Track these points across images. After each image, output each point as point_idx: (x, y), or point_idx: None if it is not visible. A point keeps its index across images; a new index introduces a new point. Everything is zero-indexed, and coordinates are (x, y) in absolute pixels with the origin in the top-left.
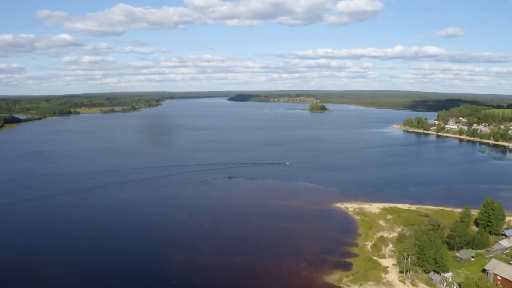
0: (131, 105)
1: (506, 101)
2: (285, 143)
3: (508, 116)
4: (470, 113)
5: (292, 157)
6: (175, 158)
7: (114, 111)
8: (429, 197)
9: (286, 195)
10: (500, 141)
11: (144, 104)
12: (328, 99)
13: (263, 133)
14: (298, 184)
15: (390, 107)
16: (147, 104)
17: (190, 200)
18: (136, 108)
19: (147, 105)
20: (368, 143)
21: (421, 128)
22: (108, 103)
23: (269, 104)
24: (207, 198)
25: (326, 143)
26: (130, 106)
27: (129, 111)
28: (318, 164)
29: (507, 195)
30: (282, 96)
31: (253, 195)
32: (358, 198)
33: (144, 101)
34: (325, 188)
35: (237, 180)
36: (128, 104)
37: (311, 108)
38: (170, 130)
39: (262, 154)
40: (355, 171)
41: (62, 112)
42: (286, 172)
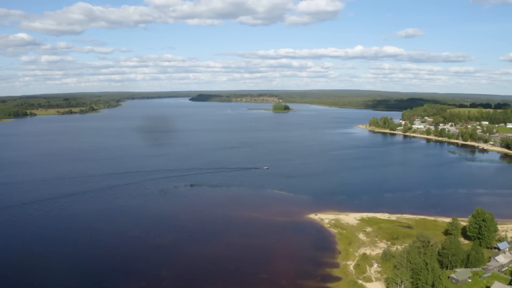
0: (90, 106)
1: (468, 100)
2: (250, 146)
3: (474, 115)
4: (436, 112)
5: (258, 161)
6: (132, 164)
7: (72, 112)
8: (407, 204)
9: (254, 206)
10: (469, 141)
11: (104, 104)
12: (290, 99)
13: (226, 135)
14: (266, 192)
15: (352, 106)
16: (107, 105)
17: (148, 214)
18: (95, 109)
19: (106, 105)
20: (335, 145)
21: (387, 128)
22: (66, 104)
23: (232, 104)
24: (167, 210)
25: (293, 145)
26: (88, 107)
27: (88, 112)
28: (286, 169)
29: (488, 201)
30: (244, 96)
31: (218, 206)
32: (332, 208)
33: (103, 102)
34: (296, 196)
35: (200, 188)
36: (86, 105)
37: (275, 108)
38: (127, 133)
39: (226, 158)
40: (326, 176)
41: (18, 114)
42: (253, 179)
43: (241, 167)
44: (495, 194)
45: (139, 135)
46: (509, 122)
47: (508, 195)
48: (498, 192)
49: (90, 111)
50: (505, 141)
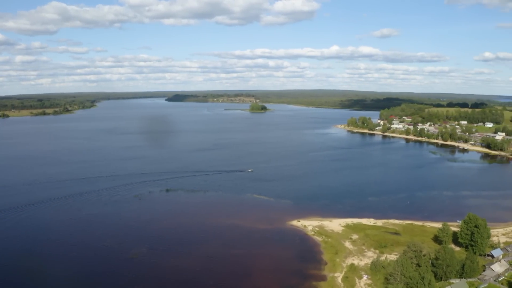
0: (64, 107)
1: (444, 100)
2: (227, 148)
3: (452, 115)
4: (414, 112)
5: (236, 164)
6: (106, 167)
7: (46, 113)
8: (393, 208)
9: (234, 212)
10: (449, 141)
11: (78, 105)
12: (267, 98)
13: (203, 136)
14: (246, 197)
15: (329, 106)
16: (81, 106)
17: (121, 223)
18: (69, 110)
19: (81, 106)
20: (315, 146)
21: (366, 128)
22: (40, 105)
23: (208, 105)
24: (141, 218)
25: (271, 147)
26: (62, 108)
27: (62, 113)
28: (266, 172)
29: (474, 204)
30: (221, 96)
31: (195, 213)
32: (315, 213)
33: (78, 103)
34: (277, 201)
35: (176, 193)
36: (60, 106)
37: (252, 109)
38: (101, 135)
39: (203, 160)
40: (307, 179)
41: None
42: (231, 183)
43: (222, 170)
44: (481, 196)
45: (112, 137)
46: (487, 121)
47: (494, 197)
48: (484, 194)
49: (64, 112)
50: (486, 140)
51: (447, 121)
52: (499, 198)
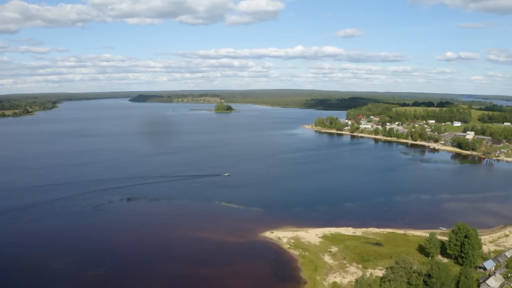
0: (24, 108)
1: (408, 98)
2: (192, 150)
3: (420, 114)
4: (381, 111)
5: (203, 168)
6: (62, 174)
7: (5, 115)
8: (371, 215)
9: (201, 223)
10: (418, 141)
11: (39, 106)
12: (232, 98)
13: (167, 138)
14: (214, 205)
15: (295, 106)
16: (42, 107)
17: (77, 238)
18: (30, 111)
19: (42, 107)
20: (283, 148)
21: (334, 128)
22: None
23: (173, 105)
24: (100, 233)
25: (238, 149)
26: (23, 110)
27: (21, 115)
28: (234, 176)
29: (454, 208)
30: (185, 96)
31: (159, 225)
32: (289, 222)
33: (39, 104)
34: (248, 210)
35: (138, 203)
36: (21, 107)
37: (217, 109)
38: (60, 138)
39: (167, 165)
40: (277, 184)
41: None
42: (197, 189)
43: (193, 175)
44: (461, 199)
45: (71, 140)
46: (455, 120)
47: (474, 200)
48: (464, 198)
49: (24, 114)
50: (457, 140)
51: (415, 120)
52: (479, 201)
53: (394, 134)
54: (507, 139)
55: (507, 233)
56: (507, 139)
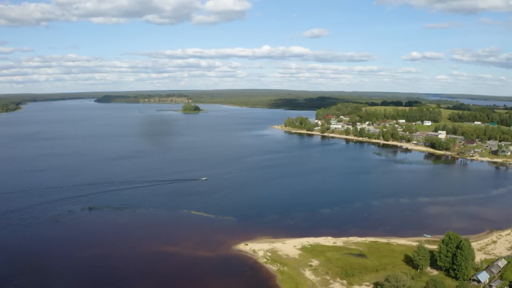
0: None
1: (375, 98)
2: (159, 153)
3: (390, 113)
4: (351, 111)
5: (170, 173)
6: (18, 181)
7: None
8: (350, 222)
9: (169, 235)
10: (390, 141)
11: (2, 108)
12: (200, 99)
13: (133, 140)
14: (182, 214)
15: (263, 106)
16: (5, 108)
17: (32, 255)
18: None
19: (4, 109)
20: (253, 149)
21: (304, 128)
22: None
23: (139, 105)
24: (57, 249)
25: (206, 151)
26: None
27: None
28: (203, 182)
29: (435, 212)
30: (152, 97)
31: (123, 239)
32: (264, 232)
33: (1, 105)
34: (219, 219)
35: (101, 213)
36: None
37: (184, 109)
38: (20, 141)
39: (132, 170)
40: (249, 189)
41: None
42: (163, 197)
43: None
44: (441, 203)
45: (32, 143)
46: (425, 119)
47: (454, 203)
48: (443, 201)
49: None
50: (430, 140)
51: (385, 120)
52: (460, 205)
53: (366, 134)
54: (480, 138)
55: (495, 239)
56: (480, 139)
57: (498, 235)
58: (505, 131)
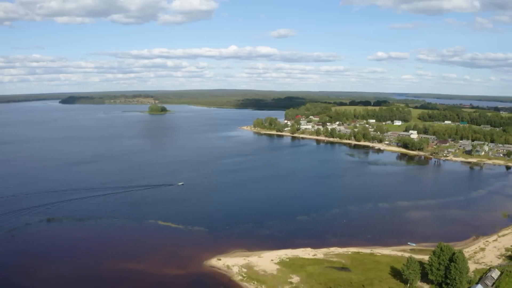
0: None
1: (342, 97)
2: (121, 157)
3: (360, 113)
4: (320, 111)
5: (134, 180)
6: None
7: None
8: (329, 230)
9: (134, 250)
10: (362, 141)
11: None
12: (167, 99)
13: (95, 144)
14: (149, 225)
15: (231, 106)
16: None
17: None
18: None
19: None
20: (222, 152)
21: (273, 129)
22: None
23: (105, 107)
24: (11, 268)
25: (173, 155)
26: None
27: None
28: (170, 188)
29: (417, 217)
30: (118, 98)
31: (84, 255)
32: (238, 244)
33: None
34: (188, 230)
35: (60, 225)
36: None
37: (151, 110)
38: None
39: (94, 176)
40: (219, 196)
41: None
42: (128, 205)
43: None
44: (420, 207)
45: None
46: (395, 119)
47: (434, 207)
48: (423, 205)
49: None
50: (402, 140)
51: (355, 120)
52: (441, 209)
53: (337, 134)
54: (452, 138)
55: (482, 246)
56: (453, 138)
57: (485, 242)
58: (476, 131)
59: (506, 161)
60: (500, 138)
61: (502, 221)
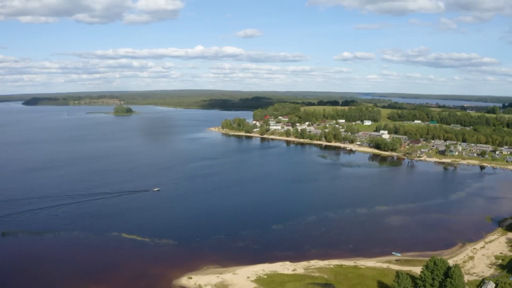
0: None
1: (310, 97)
2: (85, 162)
3: (329, 113)
4: (289, 111)
5: (96, 187)
6: None
7: None
8: (307, 240)
9: (95, 268)
10: (333, 142)
11: None
12: (133, 100)
13: (57, 147)
14: (112, 238)
15: (197, 107)
16: None
17: None
18: None
19: None
20: (190, 155)
21: (242, 130)
22: None
23: (69, 108)
24: None
25: (138, 158)
26: None
27: None
28: (134, 196)
29: (399, 224)
30: (83, 98)
31: (40, 275)
32: (210, 259)
33: None
34: (156, 244)
35: (15, 239)
36: None
37: (116, 111)
38: None
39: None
40: (188, 204)
41: None
42: (88, 216)
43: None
44: (400, 212)
45: None
46: (365, 119)
47: (415, 211)
48: (402, 209)
49: None
50: (374, 140)
51: (325, 120)
52: (422, 213)
53: (307, 135)
54: (424, 137)
55: (470, 254)
56: (424, 138)
57: (473, 249)
58: (448, 130)
59: (481, 161)
60: (472, 138)
61: (486, 225)
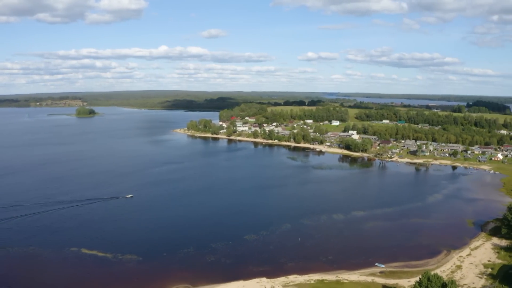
0: None
1: (274, 97)
2: (41, 168)
3: (297, 114)
4: (256, 112)
5: (55, 195)
6: None
7: None
8: (283, 252)
9: None
10: (302, 143)
11: None
12: (95, 101)
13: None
14: (70, 253)
15: (162, 107)
16: None
17: None
18: None
19: None
20: (154, 159)
21: (208, 132)
22: None
23: (30, 110)
24: None
25: (98, 164)
26: None
27: None
28: (91, 206)
29: (378, 230)
30: (44, 100)
31: None
32: (179, 278)
33: None
34: (118, 260)
35: None
36: None
37: (78, 113)
38: None
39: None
40: (153, 213)
41: None
42: (44, 228)
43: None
44: (378, 217)
45: None
46: (333, 119)
47: (393, 216)
48: (380, 214)
49: None
50: (344, 141)
51: (292, 120)
52: (401, 218)
53: (275, 136)
54: (393, 137)
55: (458, 263)
56: (394, 138)
57: (459, 257)
58: (417, 130)
59: (453, 161)
60: (442, 137)
61: (469, 230)
